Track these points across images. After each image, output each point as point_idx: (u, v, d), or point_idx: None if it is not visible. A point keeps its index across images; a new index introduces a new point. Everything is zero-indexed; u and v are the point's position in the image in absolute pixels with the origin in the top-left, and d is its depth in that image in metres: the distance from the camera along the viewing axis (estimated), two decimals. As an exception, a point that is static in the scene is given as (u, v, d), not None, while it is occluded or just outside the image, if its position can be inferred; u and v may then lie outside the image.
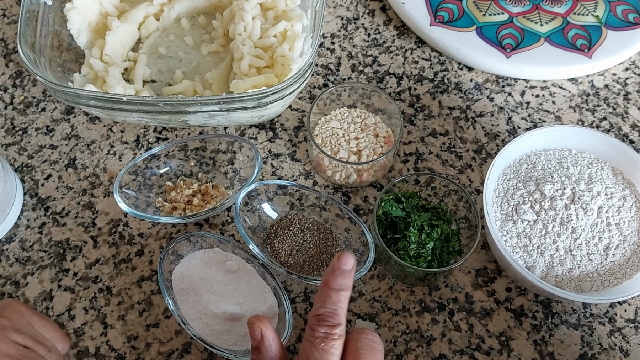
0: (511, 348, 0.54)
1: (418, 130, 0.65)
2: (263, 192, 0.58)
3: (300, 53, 0.61)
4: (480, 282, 0.57)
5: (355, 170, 0.59)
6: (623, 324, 0.55)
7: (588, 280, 0.52)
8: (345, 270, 0.43)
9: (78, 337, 0.54)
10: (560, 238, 0.52)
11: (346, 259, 0.43)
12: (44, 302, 0.55)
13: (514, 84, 0.67)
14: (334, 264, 0.43)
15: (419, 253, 0.54)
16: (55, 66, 0.61)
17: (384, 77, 0.68)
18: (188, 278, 0.54)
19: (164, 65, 0.66)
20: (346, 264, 0.43)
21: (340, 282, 0.43)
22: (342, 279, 0.43)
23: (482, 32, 0.67)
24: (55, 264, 0.57)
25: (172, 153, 0.61)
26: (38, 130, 0.65)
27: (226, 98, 0.53)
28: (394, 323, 0.55)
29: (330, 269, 0.44)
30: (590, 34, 0.67)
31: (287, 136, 0.64)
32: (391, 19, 0.72)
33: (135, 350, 0.53)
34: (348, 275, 0.43)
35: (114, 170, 0.62)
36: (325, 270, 0.46)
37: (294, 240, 0.57)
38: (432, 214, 0.57)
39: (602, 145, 0.57)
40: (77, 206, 0.60)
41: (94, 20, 0.65)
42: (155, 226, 0.59)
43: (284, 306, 0.53)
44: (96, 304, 0.55)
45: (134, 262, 0.57)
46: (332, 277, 0.43)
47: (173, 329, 0.54)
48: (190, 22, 0.68)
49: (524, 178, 0.56)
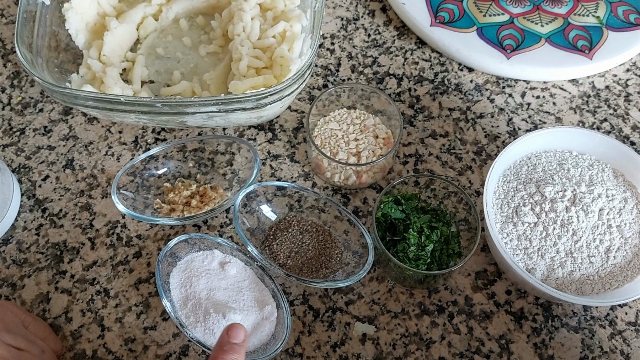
0: (511, 351, 0.53)
1: (418, 132, 0.64)
2: (262, 194, 0.58)
3: (299, 54, 0.61)
4: (480, 285, 0.56)
5: (355, 171, 0.59)
6: (624, 327, 0.54)
7: (589, 282, 0.51)
8: (236, 344, 0.42)
9: (75, 340, 0.53)
10: (561, 240, 0.52)
11: (236, 332, 0.42)
12: (40, 304, 0.55)
13: (515, 85, 0.67)
14: (223, 338, 0.42)
15: (418, 255, 0.53)
16: (53, 67, 0.60)
17: (383, 78, 0.68)
18: (186, 280, 0.53)
19: (162, 66, 0.66)
20: (236, 337, 0.42)
21: (231, 357, 0.41)
22: (232, 355, 0.41)
23: (482, 33, 0.67)
24: (52, 265, 0.57)
25: (170, 154, 0.60)
26: (36, 131, 0.64)
27: (224, 99, 0.53)
28: (393, 326, 0.54)
29: (219, 343, 0.42)
30: (591, 34, 0.67)
31: (286, 137, 0.64)
32: (391, 19, 0.72)
33: (133, 353, 0.53)
34: (239, 350, 0.42)
35: (112, 172, 0.62)
36: (216, 344, 0.44)
37: (293, 242, 0.56)
38: (431, 216, 0.56)
39: (603, 147, 0.57)
40: (75, 207, 0.60)
41: (92, 21, 0.64)
42: (153, 228, 0.59)
43: (282, 309, 0.53)
44: (93, 306, 0.55)
45: (132, 264, 0.57)
46: (220, 354, 0.41)
47: (171, 332, 0.54)
48: (189, 22, 0.68)
49: (525, 180, 0.56)
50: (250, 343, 0.51)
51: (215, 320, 0.50)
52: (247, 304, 0.52)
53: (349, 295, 0.55)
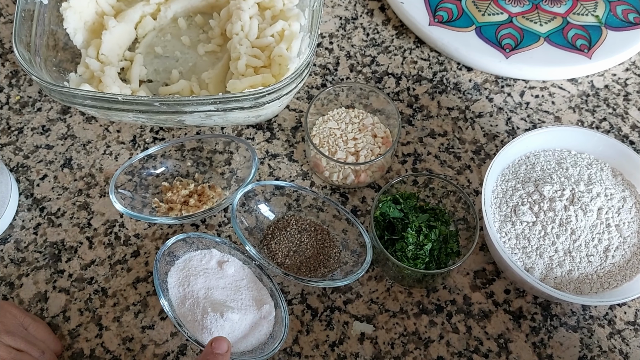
0: (510, 350, 0.53)
1: (416, 131, 0.64)
2: (260, 193, 0.58)
3: (297, 53, 0.61)
4: (479, 284, 0.56)
5: (353, 171, 0.58)
6: (623, 327, 0.54)
7: (587, 282, 0.51)
8: (219, 354, 0.43)
9: (73, 339, 0.53)
10: (560, 239, 0.52)
11: (219, 343, 0.43)
12: (38, 303, 0.55)
13: (513, 85, 0.67)
14: (207, 349, 0.43)
15: (416, 254, 0.53)
16: (51, 66, 0.60)
17: (382, 77, 0.67)
18: (184, 279, 0.53)
19: (160, 65, 0.65)
20: (219, 348, 0.43)
21: None
22: None
23: (481, 32, 0.67)
24: (50, 265, 0.57)
25: (168, 153, 0.60)
26: (34, 130, 0.64)
27: (222, 98, 0.53)
28: (391, 325, 0.54)
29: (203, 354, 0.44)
30: (590, 34, 0.67)
31: (285, 136, 0.64)
32: (390, 18, 0.72)
33: (131, 352, 0.53)
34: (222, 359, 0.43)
35: (110, 171, 0.62)
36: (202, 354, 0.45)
37: (291, 241, 0.56)
38: (430, 215, 0.56)
39: (601, 146, 0.57)
40: (73, 207, 0.60)
41: (90, 20, 0.64)
42: (151, 227, 0.59)
43: (280, 308, 0.52)
44: (91, 305, 0.55)
45: (130, 263, 0.57)
46: None
47: (169, 331, 0.54)
48: (187, 21, 0.68)
49: (523, 179, 0.55)
50: (248, 342, 0.51)
51: (213, 320, 0.50)
52: (245, 303, 0.52)
53: (347, 295, 0.55)
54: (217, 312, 0.50)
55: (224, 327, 0.50)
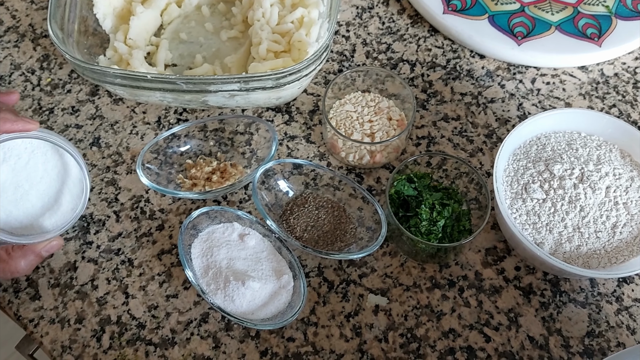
0: (520, 324, 0.55)
1: (430, 115, 0.66)
2: (279, 171, 0.60)
3: (316, 38, 0.63)
4: (490, 261, 0.58)
5: (369, 151, 0.61)
6: (630, 303, 0.56)
7: (595, 257, 0.53)
8: None
9: (100, 306, 0.56)
10: (569, 216, 0.54)
11: None
12: (68, 272, 0.58)
13: (525, 72, 0.69)
14: None
15: (430, 230, 0.55)
16: (82, 48, 0.63)
17: (397, 64, 0.70)
18: (207, 250, 0.56)
19: (185, 50, 0.68)
20: None
21: None
22: None
23: (494, 21, 0.69)
24: (79, 236, 0.60)
25: (192, 133, 0.63)
26: (64, 111, 0.67)
27: (246, 77, 0.55)
28: (405, 298, 0.56)
29: None
30: (600, 23, 0.69)
31: (303, 119, 0.66)
32: (405, 8, 0.74)
33: (156, 319, 0.55)
34: None
35: (137, 149, 0.64)
36: None
37: (309, 217, 0.58)
38: (443, 194, 0.58)
39: (610, 128, 0.58)
40: (101, 182, 0.63)
41: (119, 6, 0.67)
42: (175, 202, 0.61)
43: (299, 279, 0.55)
44: (118, 275, 0.58)
45: (155, 236, 0.59)
46: None
47: (192, 300, 0.56)
48: (211, 9, 0.71)
49: (534, 158, 0.57)
50: (268, 310, 0.53)
51: (235, 288, 0.53)
52: (265, 273, 0.54)
53: (362, 269, 0.57)
54: (239, 281, 0.53)
55: (245, 295, 0.53)
